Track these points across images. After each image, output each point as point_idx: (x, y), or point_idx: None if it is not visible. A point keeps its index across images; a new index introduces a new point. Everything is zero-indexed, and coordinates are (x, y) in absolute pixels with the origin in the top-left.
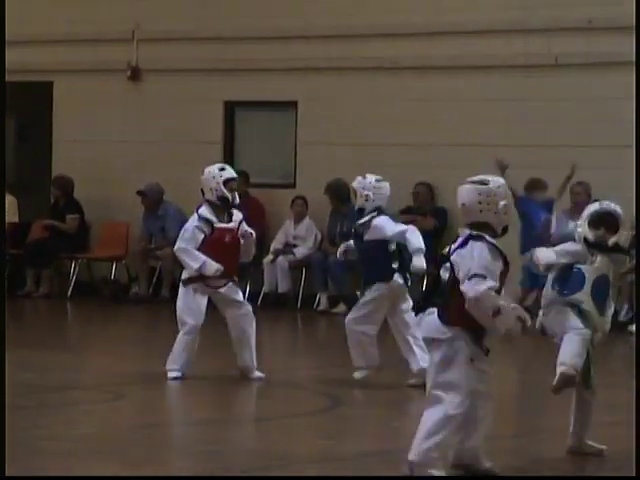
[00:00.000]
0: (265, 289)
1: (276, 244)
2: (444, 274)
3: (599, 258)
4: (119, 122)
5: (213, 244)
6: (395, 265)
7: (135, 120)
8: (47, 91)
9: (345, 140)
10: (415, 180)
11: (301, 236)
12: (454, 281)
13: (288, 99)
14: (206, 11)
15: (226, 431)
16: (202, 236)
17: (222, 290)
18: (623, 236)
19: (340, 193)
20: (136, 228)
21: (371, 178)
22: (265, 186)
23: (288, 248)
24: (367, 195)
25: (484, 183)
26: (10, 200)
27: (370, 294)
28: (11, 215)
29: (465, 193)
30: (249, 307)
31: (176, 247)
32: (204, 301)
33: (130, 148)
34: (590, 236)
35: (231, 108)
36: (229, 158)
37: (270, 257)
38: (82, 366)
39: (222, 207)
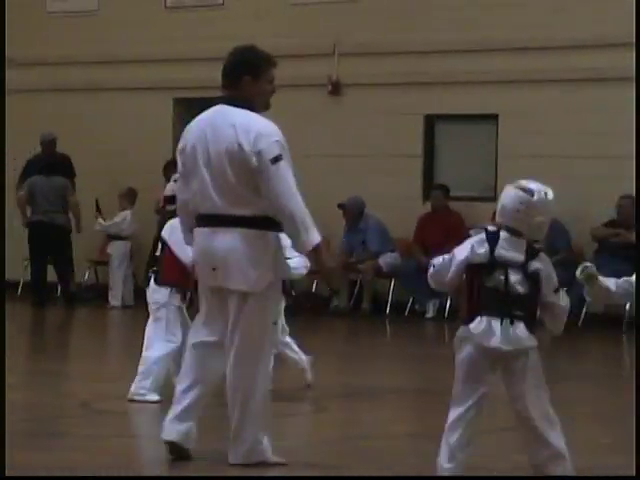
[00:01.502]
0: None
1: None
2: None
3: None
4: (319, 136)
5: None
6: None
7: (335, 134)
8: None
9: (546, 152)
10: (618, 193)
11: None
12: (537, 292)
13: (489, 112)
14: (406, 24)
15: (426, 444)
16: None
17: None
18: None
19: None
20: (337, 241)
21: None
22: (465, 199)
23: None
24: None
25: (530, 193)
26: None
27: None
28: None
29: (508, 195)
30: None
31: None
32: None
33: (330, 162)
34: None
35: (431, 121)
36: (429, 171)
37: None
38: (283, 378)
39: None
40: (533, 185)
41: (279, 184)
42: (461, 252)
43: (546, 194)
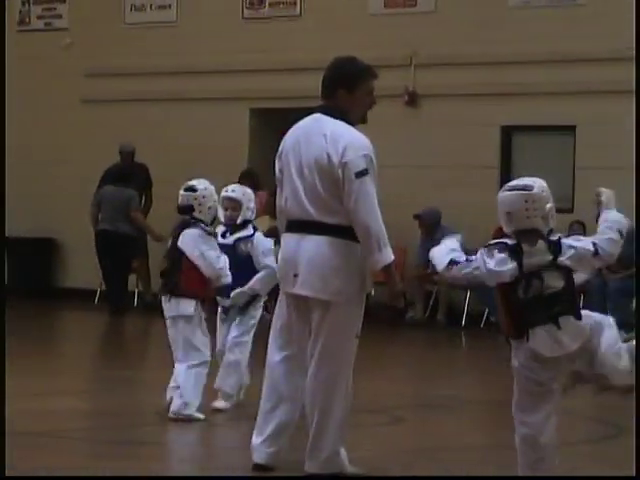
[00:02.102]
0: None
1: None
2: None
3: None
4: (395, 147)
5: None
6: None
7: (411, 145)
8: None
9: (624, 164)
10: None
11: None
12: (573, 282)
13: (566, 123)
14: (484, 35)
15: (502, 456)
16: None
17: None
18: None
19: None
20: (412, 252)
21: None
22: None
23: None
24: None
25: (528, 188)
26: None
27: None
28: None
29: (508, 200)
30: None
31: None
32: None
33: (406, 172)
34: None
35: (508, 132)
36: (505, 183)
37: None
38: (358, 389)
39: None
40: (523, 181)
41: (359, 199)
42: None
43: (541, 183)
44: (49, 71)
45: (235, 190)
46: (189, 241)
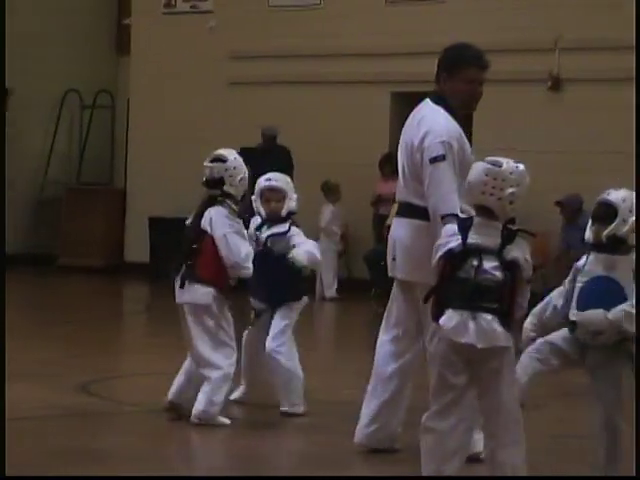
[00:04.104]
0: None
1: None
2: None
3: (591, 259)
4: (538, 132)
5: None
6: None
7: (554, 130)
8: None
9: None
10: None
11: None
12: (514, 281)
13: None
14: (629, 18)
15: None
16: None
17: None
18: (621, 226)
19: None
20: (555, 238)
21: None
22: None
23: None
24: None
25: (497, 164)
26: None
27: None
28: None
29: (474, 169)
30: None
31: None
32: None
33: (548, 158)
34: (587, 236)
35: None
36: None
37: None
38: None
39: None
40: (502, 159)
41: (431, 184)
42: (440, 245)
43: (517, 166)
44: (195, 53)
45: (278, 179)
46: (215, 220)
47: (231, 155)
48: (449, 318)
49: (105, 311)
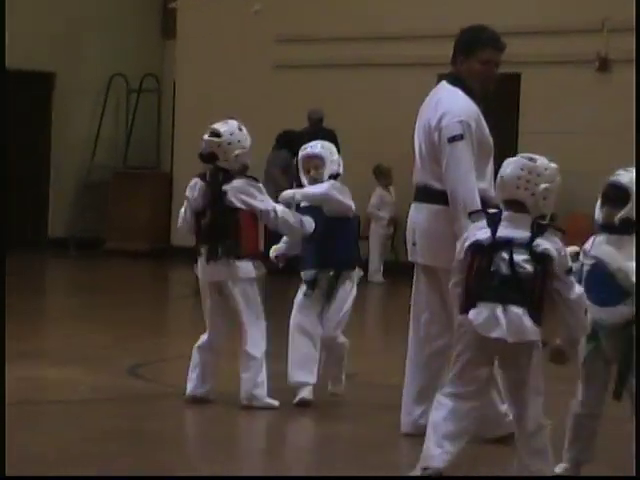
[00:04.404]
0: None
1: None
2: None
3: (599, 240)
4: (585, 113)
5: None
6: None
7: (602, 112)
8: (515, 82)
9: None
10: None
11: None
12: (544, 274)
13: None
14: None
15: None
16: None
17: None
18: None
19: None
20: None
21: None
22: None
23: None
24: None
25: (532, 160)
26: None
27: None
28: None
29: (507, 165)
30: None
31: None
32: None
33: (595, 140)
34: (598, 218)
35: None
36: None
37: None
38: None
39: None
40: (536, 156)
41: (449, 164)
42: (467, 238)
43: (549, 163)
44: (240, 37)
45: (313, 145)
46: (246, 192)
47: (227, 128)
48: (479, 312)
49: (152, 295)
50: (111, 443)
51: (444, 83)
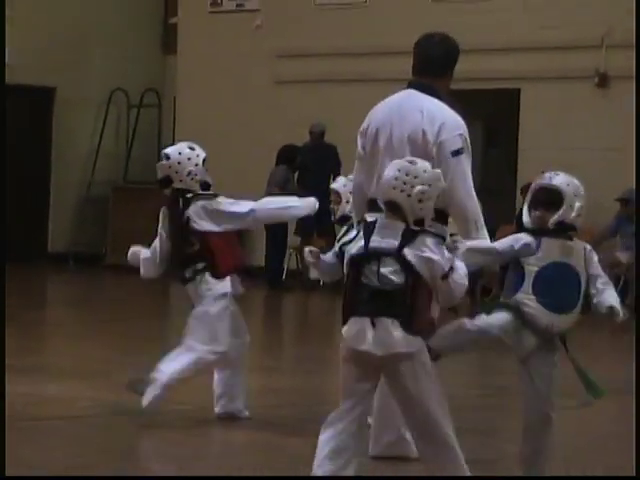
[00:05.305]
0: None
1: None
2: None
3: (544, 245)
4: (585, 129)
5: None
6: None
7: (601, 127)
8: (514, 98)
9: None
10: None
11: None
12: (415, 283)
13: None
14: None
15: None
16: None
17: None
18: (568, 212)
19: None
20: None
21: None
22: None
23: None
24: None
25: (413, 162)
26: None
27: None
28: None
29: (388, 167)
30: None
31: None
32: None
33: (595, 155)
34: (526, 221)
35: None
36: None
37: None
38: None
39: None
40: (419, 159)
41: (456, 178)
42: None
43: (429, 166)
44: (241, 52)
45: (338, 181)
46: (204, 217)
47: (175, 150)
48: (351, 326)
49: (153, 309)
50: (110, 458)
51: (416, 92)
